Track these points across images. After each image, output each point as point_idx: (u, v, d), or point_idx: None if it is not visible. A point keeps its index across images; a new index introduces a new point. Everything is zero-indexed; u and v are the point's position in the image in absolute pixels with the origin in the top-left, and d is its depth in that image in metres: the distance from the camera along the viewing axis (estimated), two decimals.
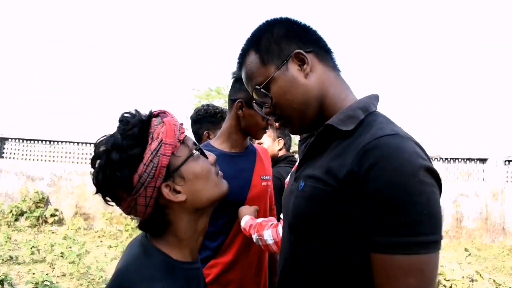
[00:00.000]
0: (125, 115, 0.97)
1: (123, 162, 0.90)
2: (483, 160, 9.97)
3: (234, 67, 1.89)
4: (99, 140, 0.96)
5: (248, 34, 1.15)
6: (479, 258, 7.91)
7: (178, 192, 0.97)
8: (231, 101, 1.85)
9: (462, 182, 9.88)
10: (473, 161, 10.01)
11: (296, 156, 2.77)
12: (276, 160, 2.73)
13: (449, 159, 10.06)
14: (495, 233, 9.52)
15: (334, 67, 1.11)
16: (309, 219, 0.98)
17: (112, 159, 0.90)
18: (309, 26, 1.12)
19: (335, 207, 0.91)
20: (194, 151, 1.00)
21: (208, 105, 2.75)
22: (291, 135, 3.02)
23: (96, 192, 0.95)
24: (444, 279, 5.05)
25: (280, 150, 2.82)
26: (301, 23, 1.12)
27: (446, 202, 9.60)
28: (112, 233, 8.92)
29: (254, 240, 1.65)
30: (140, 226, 1.02)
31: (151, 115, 0.97)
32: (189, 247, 1.01)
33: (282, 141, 2.82)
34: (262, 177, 1.91)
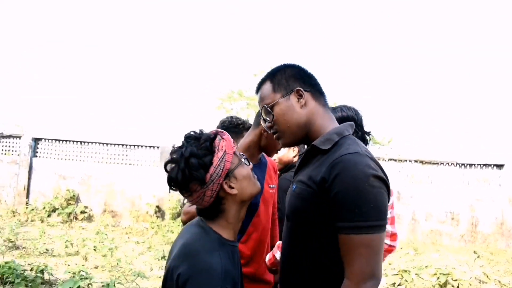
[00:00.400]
0: (192, 133, 1.39)
1: (199, 165, 1.30)
2: (499, 166, 10.11)
3: (256, 69, 2.33)
4: (173, 151, 1.37)
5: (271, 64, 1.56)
6: (491, 261, 8.11)
7: (232, 188, 1.36)
8: (258, 123, 2.24)
9: (478, 187, 10.05)
10: (489, 167, 10.17)
11: None
12: (290, 166, 3.11)
13: (465, 165, 10.23)
14: (510, 238, 9.67)
15: (324, 105, 1.53)
16: (298, 211, 1.40)
17: (192, 163, 1.29)
18: (312, 74, 1.55)
19: (314, 203, 1.32)
20: (243, 160, 1.41)
21: (232, 117, 3.12)
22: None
23: (172, 188, 1.35)
24: (452, 279, 5.34)
25: (294, 157, 3.19)
26: (307, 71, 1.56)
27: (462, 207, 9.80)
28: (138, 230, 9.41)
29: None
30: (199, 212, 1.42)
31: (216, 134, 1.38)
32: (234, 230, 1.40)
33: (296, 149, 3.19)
34: (270, 185, 2.33)
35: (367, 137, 2.42)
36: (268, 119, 1.50)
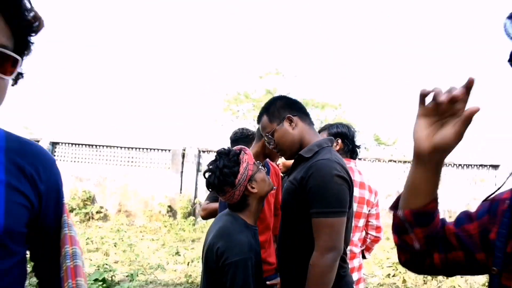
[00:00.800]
0: (222, 149, 1.91)
1: (230, 173, 1.82)
2: (495, 167, 10.58)
3: (261, 72, 2.82)
4: (209, 163, 1.90)
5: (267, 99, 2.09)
6: None
7: (254, 188, 1.87)
8: (260, 136, 2.76)
9: (475, 187, 10.52)
10: (485, 167, 10.64)
11: None
12: None
13: (462, 165, 10.71)
14: None
15: (309, 123, 2.04)
16: (286, 203, 1.92)
17: (225, 172, 1.82)
18: (297, 100, 2.07)
19: (296, 196, 1.82)
20: (260, 167, 1.94)
21: (243, 129, 3.65)
22: None
23: (210, 189, 1.88)
24: None
25: None
26: (292, 98, 2.08)
27: (459, 205, 10.27)
28: (152, 228, 9.97)
29: None
30: (229, 206, 1.94)
31: (241, 150, 1.90)
32: (254, 218, 1.92)
33: None
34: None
35: (357, 150, 2.94)
36: (271, 142, 2.02)
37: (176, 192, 11.12)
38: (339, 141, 2.82)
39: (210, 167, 1.89)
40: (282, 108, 2.01)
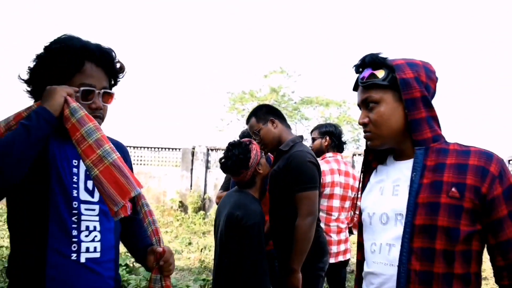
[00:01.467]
0: (234, 141, 2.44)
1: (245, 159, 2.33)
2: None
3: (266, 71, 3.45)
4: (226, 151, 2.40)
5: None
6: None
7: (260, 169, 2.37)
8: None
9: None
10: None
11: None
12: None
13: None
14: None
15: (287, 126, 2.66)
16: (274, 186, 2.49)
17: (241, 158, 2.33)
18: (277, 108, 2.71)
19: (280, 179, 2.42)
20: (262, 154, 2.48)
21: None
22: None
23: (227, 173, 2.42)
24: None
25: None
26: (274, 107, 2.73)
27: None
28: (164, 222, 10.63)
29: None
30: (240, 184, 2.42)
31: (251, 141, 2.44)
32: (259, 192, 2.41)
33: None
34: None
35: (343, 145, 3.58)
36: (257, 138, 2.61)
37: (186, 188, 11.79)
38: (327, 138, 3.47)
39: (227, 154, 2.38)
40: (266, 112, 2.66)
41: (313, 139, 3.59)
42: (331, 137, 3.50)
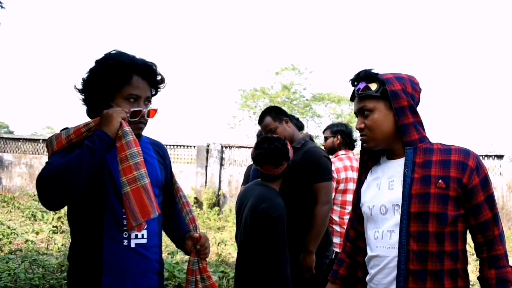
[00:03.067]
0: (271, 136, 2.57)
1: (286, 151, 2.48)
2: (499, 157, 11.21)
3: (278, 68, 3.81)
4: (267, 143, 2.47)
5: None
6: None
7: (287, 165, 2.54)
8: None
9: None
10: (490, 158, 11.28)
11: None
12: None
13: None
14: (510, 221, 10.80)
15: (294, 124, 2.95)
16: (293, 178, 2.70)
17: (284, 151, 2.47)
18: (286, 112, 2.96)
19: (297, 172, 2.66)
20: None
21: None
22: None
23: (269, 164, 2.45)
24: None
25: None
26: (282, 109, 2.97)
27: None
28: None
29: None
30: (266, 177, 2.53)
31: (284, 138, 2.61)
32: (279, 187, 2.56)
33: None
34: None
35: (355, 143, 3.81)
36: (274, 135, 2.81)
37: (201, 184, 12.09)
38: (339, 136, 3.70)
39: (269, 146, 2.46)
40: (280, 112, 2.93)
41: (326, 138, 3.82)
42: (343, 136, 3.73)
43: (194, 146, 12.54)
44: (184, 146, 12.76)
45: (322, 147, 3.35)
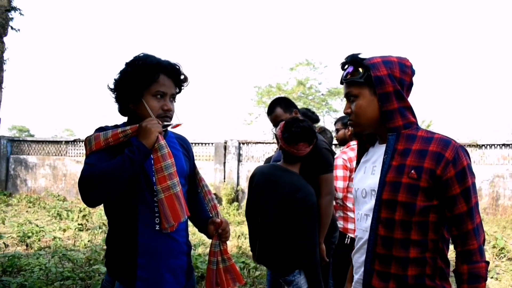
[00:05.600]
0: (297, 116, 2.72)
1: (314, 131, 2.53)
2: None
3: (292, 63, 3.91)
4: (300, 121, 2.51)
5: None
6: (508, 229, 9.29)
7: None
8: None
9: (498, 165, 11.15)
10: (508, 146, 11.22)
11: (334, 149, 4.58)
12: None
13: (485, 145, 11.35)
14: None
15: (310, 117, 3.19)
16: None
17: (313, 130, 2.51)
18: (294, 103, 3.07)
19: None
20: None
21: None
22: (332, 135, 4.85)
23: (303, 141, 2.47)
24: None
25: None
26: (293, 101, 3.07)
27: (484, 183, 10.96)
28: None
29: None
30: (291, 159, 2.55)
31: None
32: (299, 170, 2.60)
33: None
34: None
35: None
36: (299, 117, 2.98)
37: (220, 180, 12.30)
38: (350, 128, 3.81)
39: (304, 124, 2.51)
40: (290, 104, 3.02)
41: (337, 130, 3.95)
42: None
43: (212, 143, 12.76)
44: (202, 143, 13.00)
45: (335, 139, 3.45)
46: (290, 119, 2.58)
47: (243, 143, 12.60)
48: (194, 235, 7.71)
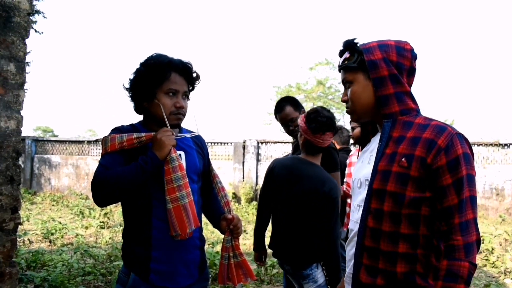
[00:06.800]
0: (320, 107, 2.55)
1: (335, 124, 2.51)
2: None
3: (311, 63, 3.94)
4: (322, 113, 2.47)
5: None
6: None
7: None
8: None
9: None
10: None
11: (351, 148, 4.57)
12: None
13: (508, 144, 11.14)
14: None
15: None
16: None
17: (335, 124, 2.51)
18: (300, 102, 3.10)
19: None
20: None
21: None
22: (350, 133, 4.84)
23: (329, 130, 2.45)
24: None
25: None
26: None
27: (506, 183, 10.76)
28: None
29: None
30: (313, 150, 2.51)
31: None
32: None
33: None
34: None
35: None
36: (292, 125, 2.97)
37: (239, 180, 12.38)
38: None
39: (327, 114, 2.51)
40: (298, 103, 3.08)
41: (353, 128, 3.95)
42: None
43: (231, 143, 12.85)
44: (221, 143, 13.10)
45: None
46: (312, 110, 2.55)
47: (262, 143, 12.65)
48: (213, 233, 7.80)
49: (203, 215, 2.08)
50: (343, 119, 20.61)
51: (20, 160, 2.45)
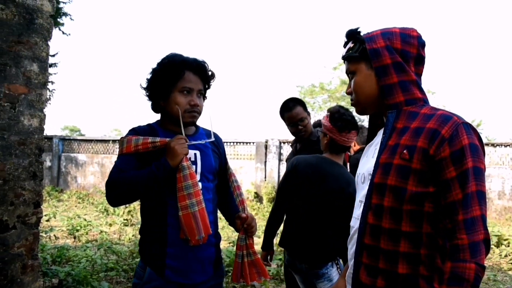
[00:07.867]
0: (336, 108, 2.52)
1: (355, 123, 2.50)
2: None
3: (335, 63, 4.04)
4: (345, 111, 2.48)
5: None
6: None
7: None
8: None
9: None
10: None
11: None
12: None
13: None
14: None
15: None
16: None
17: (355, 123, 2.47)
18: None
19: None
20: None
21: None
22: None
23: (354, 129, 2.46)
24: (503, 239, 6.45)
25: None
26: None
27: None
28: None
29: None
30: (337, 149, 2.52)
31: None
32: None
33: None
34: None
35: None
36: (301, 125, 3.07)
37: (261, 179, 12.39)
38: None
39: (350, 112, 2.51)
40: (306, 105, 3.16)
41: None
42: None
43: (253, 143, 12.87)
44: (243, 143, 13.13)
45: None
46: (334, 109, 2.53)
47: (284, 143, 12.63)
48: (235, 232, 7.83)
49: (219, 213, 2.10)
50: (361, 118, 20.37)
51: (48, 159, 2.54)
